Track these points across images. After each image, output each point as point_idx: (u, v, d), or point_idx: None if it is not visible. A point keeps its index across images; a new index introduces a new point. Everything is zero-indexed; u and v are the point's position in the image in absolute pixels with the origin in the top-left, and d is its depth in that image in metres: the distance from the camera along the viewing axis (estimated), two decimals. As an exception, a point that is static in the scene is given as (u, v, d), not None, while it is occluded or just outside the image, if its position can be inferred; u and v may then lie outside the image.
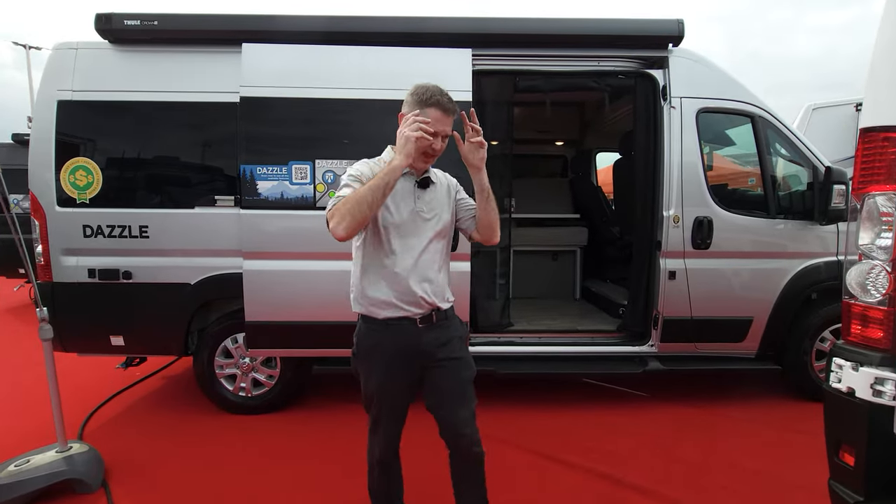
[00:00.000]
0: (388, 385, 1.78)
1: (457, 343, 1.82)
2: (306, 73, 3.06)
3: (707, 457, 2.83)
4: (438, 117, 1.66)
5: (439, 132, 1.67)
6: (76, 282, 3.14)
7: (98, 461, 2.58)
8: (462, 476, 1.88)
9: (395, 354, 1.74)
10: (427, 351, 1.76)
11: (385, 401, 1.80)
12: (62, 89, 3.10)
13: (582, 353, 3.51)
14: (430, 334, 1.76)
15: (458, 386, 1.80)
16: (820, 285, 3.39)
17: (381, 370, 1.76)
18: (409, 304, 1.72)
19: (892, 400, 1.31)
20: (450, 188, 1.88)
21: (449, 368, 1.78)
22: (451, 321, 1.83)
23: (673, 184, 3.28)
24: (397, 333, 1.73)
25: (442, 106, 1.66)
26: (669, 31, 3.25)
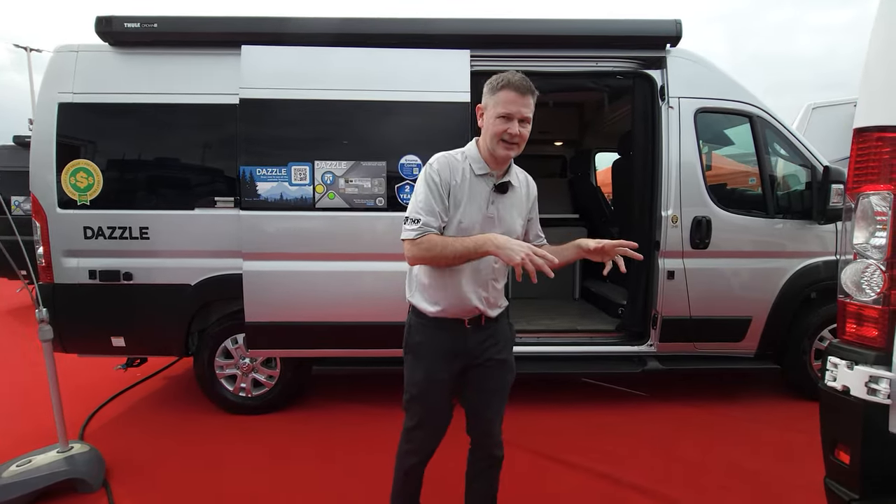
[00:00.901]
0: (431, 381, 1.73)
1: (503, 345, 1.79)
2: (305, 74, 3.07)
3: (706, 456, 2.83)
4: (512, 98, 1.53)
5: (514, 114, 1.54)
6: (77, 283, 3.15)
7: (99, 461, 2.59)
8: (477, 474, 1.88)
9: (442, 351, 1.71)
10: (472, 352, 1.73)
11: (427, 400, 1.75)
12: (63, 92, 3.12)
13: (581, 353, 3.52)
14: (476, 335, 1.73)
15: (498, 388, 1.78)
16: (819, 285, 3.39)
17: (427, 366, 1.73)
18: (458, 309, 1.68)
19: (886, 398, 1.32)
20: (529, 195, 1.77)
21: (492, 370, 1.76)
22: (500, 323, 1.78)
23: (671, 184, 3.29)
24: (446, 331, 1.70)
25: (513, 85, 1.53)
26: (667, 32, 3.26)
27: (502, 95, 1.54)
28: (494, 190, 1.64)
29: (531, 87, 1.56)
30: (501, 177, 1.67)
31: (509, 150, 1.58)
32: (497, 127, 1.55)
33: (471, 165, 1.63)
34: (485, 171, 1.63)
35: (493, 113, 1.56)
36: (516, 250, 1.45)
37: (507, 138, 1.56)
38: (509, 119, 1.54)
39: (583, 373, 3.58)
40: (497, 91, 1.56)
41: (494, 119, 1.56)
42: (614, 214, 5.21)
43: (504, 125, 1.54)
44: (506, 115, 1.54)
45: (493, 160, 1.63)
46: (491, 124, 1.57)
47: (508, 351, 1.82)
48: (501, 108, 1.54)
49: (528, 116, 1.57)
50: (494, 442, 1.81)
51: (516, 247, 1.46)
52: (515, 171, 1.72)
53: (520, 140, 1.58)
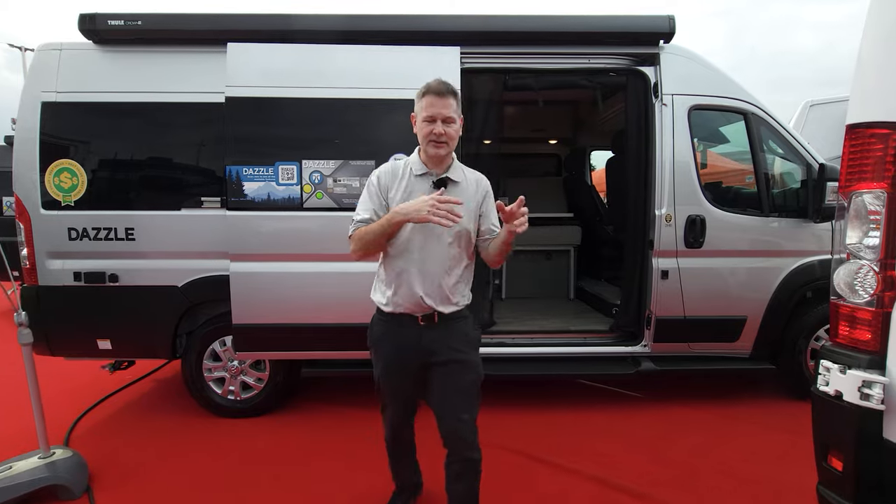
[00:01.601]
0: (389, 374, 1.89)
1: (461, 345, 1.83)
2: (292, 72, 3.02)
3: (700, 458, 2.79)
4: (432, 101, 1.72)
5: (436, 115, 1.71)
6: (62, 285, 3.10)
7: (82, 467, 2.54)
8: (455, 478, 1.89)
9: (397, 347, 1.84)
10: (427, 349, 1.80)
11: (388, 388, 1.94)
12: (46, 90, 3.07)
13: (574, 353, 3.48)
14: (430, 332, 1.80)
15: (459, 389, 1.81)
16: (814, 284, 3.35)
17: (384, 360, 1.89)
18: (410, 304, 1.78)
19: (880, 404, 1.28)
20: (478, 190, 1.86)
21: (450, 369, 1.81)
22: (458, 323, 1.84)
23: (665, 182, 3.25)
24: (400, 327, 1.82)
25: (432, 90, 1.72)
26: (660, 28, 3.22)
27: (425, 101, 1.74)
28: (434, 186, 1.78)
29: (450, 88, 1.74)
30: (441, 172, 1.82)
31: (439, 148, 1.74)
32: (425, 129, 1.74)
33: (411, 168, 1.82)
34: (423, 171, 1.80)
35: (421, 118, 1.76)
36: (420, 208, 1.61)
37: (434, 138, 1.73)
38: (433, 121, 1.72)
39: (575, 374, 3.53)
40: (421, 99, 1.75)
41: (421, 123, 1.75)
42: (609, 213, 5.16)
43: (430, 126, 1.73)
44: (429, 117, 1.72)
45: (430, 160, 1.80)
46: (420, 128, 1.77)
47: (469, 352, 1.85)
48: (425, 112, 1.73)
49: (451, 116, 1.74)
50: (466, 444, 1.81)
51: (419, 204, 1.62)
52: (461, 170, 1.87)
53: (447, 138, 1.74)
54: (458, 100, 1.76)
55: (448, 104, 1.72)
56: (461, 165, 1.89)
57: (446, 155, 1.78)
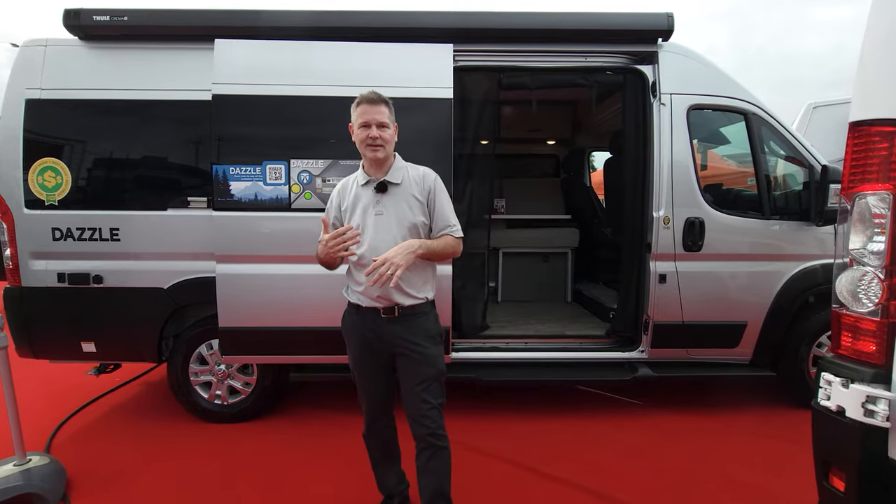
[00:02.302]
0: (357, 364, 2.02)
1: (421, 338, 1.93)
2: (281, 69, 2.95)
3: (698, 468, 2.71)
4: (365, 109, 1.87)
5: (370, 121, 1.86)
6: (45, 286, 3.04)
7: (59, 474, 2.48)
8: (423, 468, 1.95)
9: (362, 338, 1.97)
10: (390, 341, 1.93)
11: (359, 377, 2.05)
12: (31, 87, 3.00)
13: (569, 359, 3.39)
14: (392, 326, 1.92)
15: (419, 380, 1.91)
16: (817, 288, 3.26)
17: (353, 350, 2.02)
18: (369, 298, 1.91)
19: (885, 421, 1.20)
20: (423, 188, 1.96)
21: (411, 362, 1.92)
22: (420, 317, 1.94)
23: (663, 184, 3.16)
24: (364, 319, 1.95)
25: (365, 99, 1.87)
26: (658, 26, 3.13)
27: (359, 110, 1.88)
28: (376, 191, 1.92)
29: (381, 97, 1.89)
30: (381, 177, 1.93)
31: (376, 151, 1.88)
32: (361, 134, 1.88)
33: (356, 179, 1.98)
34: (366, 179, 1.95)
35: (357, 125, 1.89)
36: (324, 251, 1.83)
37: (370, 142, 1.87)
38: (368, 126, 1.86)
39: (571, 380, 3.45)
40: (356, 108, 1.89)
41: (358, 129, 1.89)
42: (607, 215, 5.07)
43: (366, 131, 1.87)
44: (364, 123, 1.87)
45: (371, 166, 1.94)
46: (357, 134, 1.90)
47: (429, 346, 1.94)
48: (360, 119, 1.88)
49: (384, 122, 1.88)
50: (430, 431, 1.90)
51: (322, 249, 1.84)
52: (404, 170, 1.97)
53: (382, 141, 1.87)
54: (390, 108, 1.91)
55: (381, 111, 1.86)
56: (405, 165, 1.99)
57: (385, 158, 1.91)
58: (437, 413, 1.92)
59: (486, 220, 3.49)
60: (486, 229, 3.52)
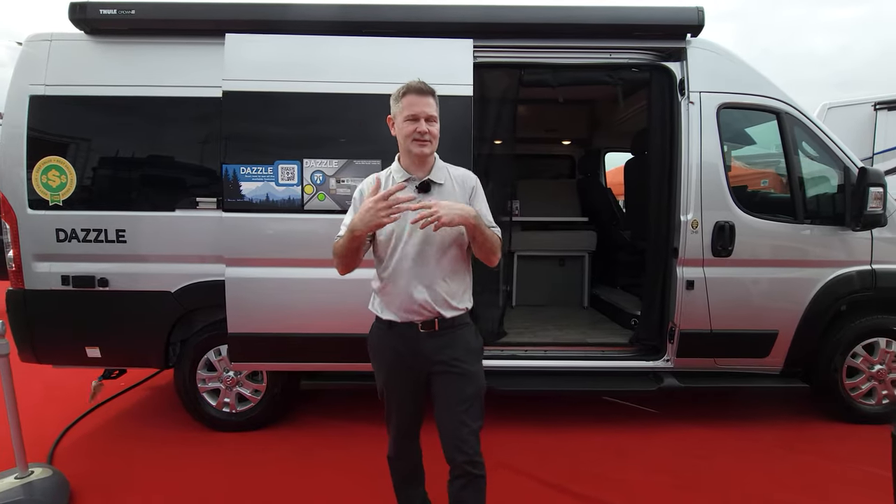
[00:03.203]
0: (390, 385, 1.83)
1: (463, 354, 1.76)
2: (294, 65, 2.83)
3: (729, 486, 2.57)
4: (413, 100, 1.68)
5: (418, 114, 1.67)
6: (49, 289, 2.93)
7: (62, 487, 2.37)
8: (456, 497, 1.76)
9: (396, 357, 1.78)
10: (428, 358, 1.75)
11: (390, 399, 1.86)
12: (35, 83, 2.90)
13: (591, 367, 3.25)
14: (431, 341, 1.74)
15: (459, 400, 1.73)
16: (853, 296, 3.11)
17: (385, 370, 1.83)
18: (408, 311, 1.73)
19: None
20: (465, 189, 1.80)
21: (451, 380, 1.75)
22: (460, 330, 1.78)
23: (691, 186, 3.02)
24: (399, 336, 1.76)
25: (413, 88, 1.69)
26: (688, 20, 2.99)
27: (405, 101, 1.69)
28: (418, 191, 1.73)
29: (430, 88, 1.72)
30: (424, 176, 1.75)
31: (423, 146, 1.69)
32: (408, 128, 1.68)
33: (393, 177, 1.76)
34: (406, 177, 1.74)
35: (402, 118, 1.70)
36: (370, 219, 1.56)
37: (417, 136, 1.68)
38: (416, 119, 1.68)
39: (593, 390, 3.30)
40: (400, 99, 1.71)
41: (403, 122, 1.69)
42: (626, 218, 4.93)
43: (412, 125, 1.68)
44: (412, 116, 1.68)
45: (412, 163, 1.74)
46: (402, 128, 1.70)
47: (472, 361, 1.78)
48: (407, 111, 1.68)
49: (433, 115, 1.70)
50: (467, 458, 1.71)
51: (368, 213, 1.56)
52: (445, 170, 1.80)
53: (430, 137, 1.69)
54: (437, 101, 1.73)
55: (430, 103, 1.70)
56: (445, 165, 1.83)
57: (430, 154, 1.74)
58: (475, 438, 1.74)
59: (506, 222, 3.36)
60: (507, 232, 3.39)
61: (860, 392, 3.22)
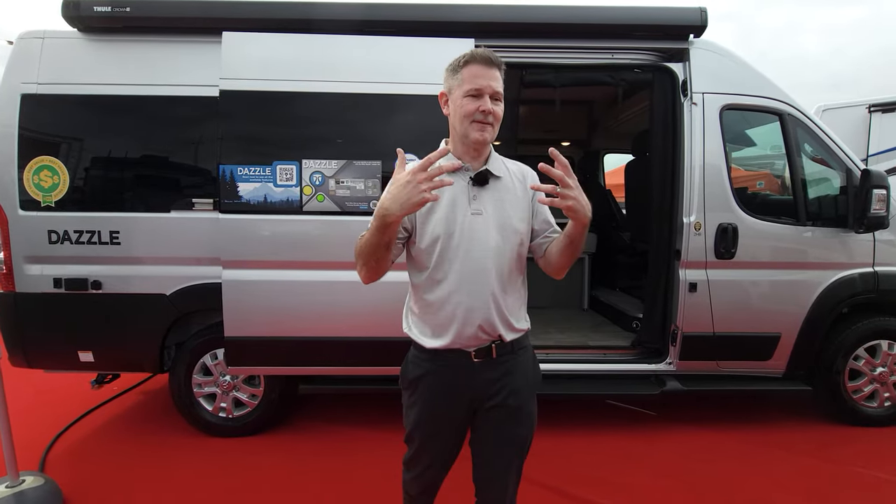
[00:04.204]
0: (427, 425, 1.49)
1: (521, 388, 1.47)
2: (292, 64, 2.77)
3: (733, 491, 2.54)
4: (478, 72, 1.33)
5: (483, 88, 1.32)
6: (41, 292, 2.87)
7: (55, 495, 2.31)
8: None
9: (442, 392, 1.45)
10: (481, 393, 1.44)
11: (424, 442, 1.51)
12: (26, 82, 2.83)
13: (593, 371, 3.23)
14: (488, 373, 1.43)
15: (507, 442, 1.48)
16: (855, 299, 3.10)
17: (424, 406, 1.48)
18: (462, 336, 1.40)
19: None
20: (525, 185, 1.47)
21: (501, 417, 1.46)
22: (520, 358, 1.47)
23: (694, 188, 3.00)
24: (447, 367, 1.43)
25: (478, 58, 1.34)
26: (691, 21, 2.97)
27: (467, 72, 1.34)
28: (473, 183, 1.41)
29: (498, 59, 1.36)
30: (480, 166, 1.43)
31: (484, 130, 1.35)
32: (468, 106, 1.33)
33: (440, 164, 1.29)
34: (458, 165, 1.38)
35: (460, 93, 1.35)
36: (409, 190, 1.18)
37: (479, 118, 1.34)
38: (479, 95, 1.33)
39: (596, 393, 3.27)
40: (460, 70, 1.35)
41: (462, 99, 1.34)
42: (627, 219, 4.91)
43: (475, 103, 1.33)
44: (475, 91, 1.33)
45: (467, 150, 1.41)
46: (459, 106, 1.35)
47: (527, 396, 1.49)
48: (469, 84, 1.33)
49: (500, 91, 1.36)
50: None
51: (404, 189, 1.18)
52: (500, 161, 1.48)
53: (494, 119, 1.36)
54: (503, 76, 1.38)
55: (497, 77, 1.35)
56: (500, 157, 1.49)
57: (490, 140, 1.39)
58: (516, 487, 1.52)
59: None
60: None
61: (862, 395, 3.20)
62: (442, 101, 1.44)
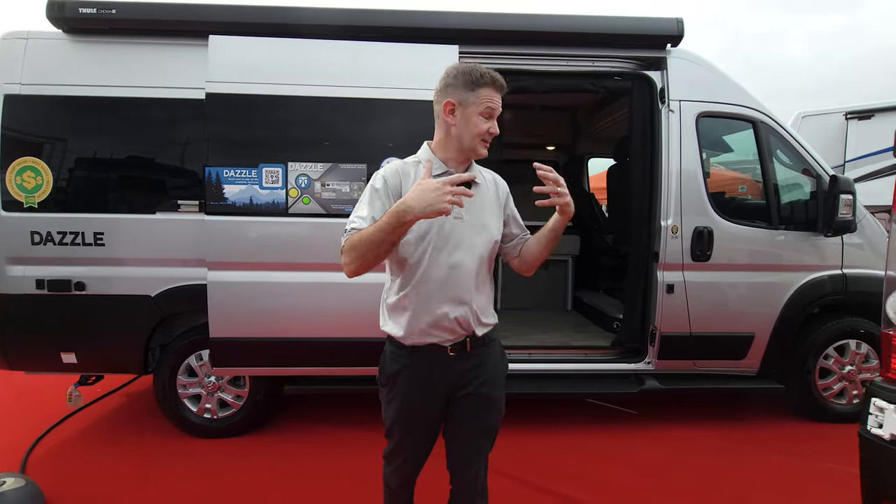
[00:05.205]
0: (407, 417, 1.57)
1: (491, 378, 1.57)
2: (279, 68, 2.81)
3: (709, 487, 2.62)
4: (493, 95, 1.44)
5: (496, 112, 1.45)
6: (23, 293, 2.85)
7: (36, 497, 2.30)
8: None
9: (419, 384, 1.53)
10: (455, 383, 1.54)
11: (403, 433, 1.59)
12: (10, 82, 2.82)
13: (574, 370, 3.30)
14: (462, 364, 1.52)
15: (478, 429, 1.58)
16: (824, 300, 3.22)
17: (403, 400, 1.55)
18: (438, 330, 1.48)
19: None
20: (499, 193, 1.61)
21: (473, 406, 1.56)
22: (490, 349, 1.58)
23: (671, 192, 3.10)
24: (423, 361, 1.51)
25: (496, 82, 1.45)
26: (668, 31, 3.07)
27: (484, 93, 1.44)
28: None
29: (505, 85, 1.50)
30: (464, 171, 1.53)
31: (486, 147, 1.50)
32: (482, 126, 1.44)
33: (424, 167, 1.43)
34: (443, 170, 1.49)
35: (476, 111, 1.44)
36: (433, 201, 1.26)
37: (487, 137, 1.47)
38: (491, 117, 1.46)
39: (576, 392, 3.34)
40: (476, 89, 1.44)
41: (477, 117, 1.44)
42: (609, 222, 5.02)
43: (487, 124, 1.45)
44: (490, 112, 1.45)
45: (457, 158, 1.51)
46: (474, 123, 1.45)
47: (497, 386, 1.59)
48: (485, 105, 1.44)
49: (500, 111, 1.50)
50: (476, 490, 1.61)
51: (432, 194, 1.26)
52: (478, 169, 1.59)
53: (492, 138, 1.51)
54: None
55: (500, 101, 1.49)
56: (477, 165, 1.59)
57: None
58: (485, 471, 1.64)
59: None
60: None
61: (832, 392, 3.32)
62: (446, 109, 1.46)
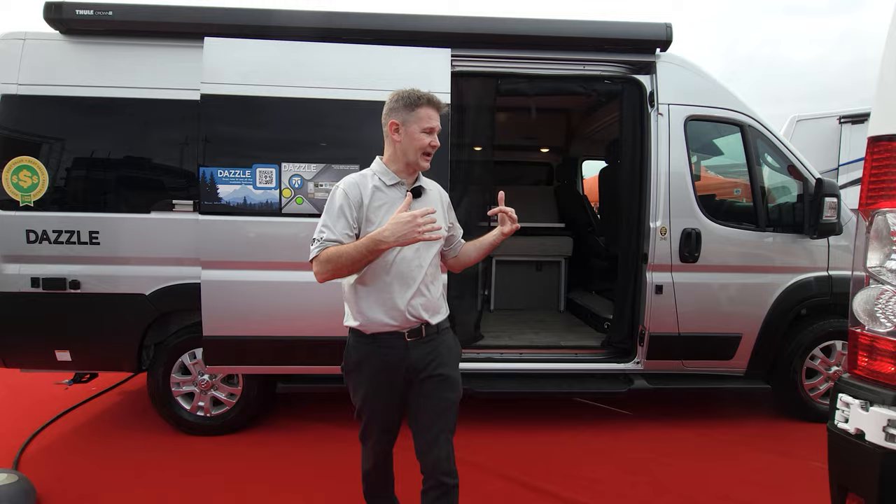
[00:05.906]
0: (373, 400, 1.77)
1: (446, 360, 1.77)
2: (273, 70, 2.86)
3: (695, 485, 2.66)
4: (432, 114, 1.68)
5: (434, 128, 1.68)
6: (18, 291, 2.88)
7: (28, 493, 2.32)
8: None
9: (381, 369, 1.72)
10: (414, 366, 1.72)
11: (372, 415, 1.81)
12: (7, 82, 2.86)
13: (565, 370, 3.34)
14: (418, 349, 1.72)
15: (440, 407, 1.74)
16: (810, 301, 3.27)
17: (367, 385, 1.76)
18: (397, 319, 1.69)
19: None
20: (442, 198, 1.87)
21: (433, 386, 1.74)
22: (443, 336, 1.79)
23: (660, 194, 3.15)
24: (384, 347, 1.71)
25: (432, 102, 1.68)
26: (657, 36, 3.13)
27: (423, 112, 1.66)
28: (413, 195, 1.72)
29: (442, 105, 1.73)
30: (412, 184, 1.76)
31: (428, 160, 1.72)
32: (424, 139, 1.67)
33: (380, 179, 1.71)
34: (396, 181, 1.72)
35: (418, 128, 1.67)
36: (406, 232, 1.51)
37: (429, 151, 1.69)
38: (432, 133, 1.68)
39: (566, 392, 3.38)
40: (416, 108, 1.66)
41: (420, 133, 1.67)
42: (601, 224, 5.07)
43: (428, 138, 1.67)
44: (430, 129, 1.67)
45: (405, 169, 1.72)
46: (416, 139, 1.67)
47: (453, 366, 1.80)
48: (426, 123, 1.67)
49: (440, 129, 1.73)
50: (443, 469, 1.70)
51: (401, 227, 1.51)
52: (425, 180, 1.83)
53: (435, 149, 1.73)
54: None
55: (438, 118, 1.71)
56: (422, 176, 1.83)
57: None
58: (451, 446, 1.74)
59: (485, 228, 3.42)
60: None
61: (818, 392, 3.37)
62: (392, 129, 1.69)
